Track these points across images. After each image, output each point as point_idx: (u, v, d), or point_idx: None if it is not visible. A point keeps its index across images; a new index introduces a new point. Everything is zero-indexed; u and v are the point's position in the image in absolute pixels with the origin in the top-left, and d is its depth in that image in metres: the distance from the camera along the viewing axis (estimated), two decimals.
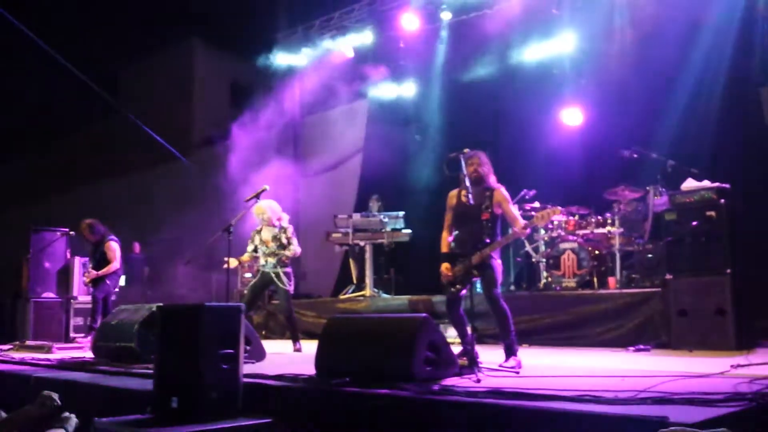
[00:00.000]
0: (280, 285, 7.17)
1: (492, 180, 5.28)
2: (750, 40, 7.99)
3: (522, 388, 3.36)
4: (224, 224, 6.60)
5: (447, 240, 5.31)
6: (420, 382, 3.81)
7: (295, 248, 7.29)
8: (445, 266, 5.15)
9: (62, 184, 13.15)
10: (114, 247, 8.40)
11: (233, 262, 6.95)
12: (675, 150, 7.77)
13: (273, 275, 7.19)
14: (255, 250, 7.37)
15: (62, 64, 11.45)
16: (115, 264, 8.34)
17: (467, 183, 5.02)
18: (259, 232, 7.37)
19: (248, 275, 10.93)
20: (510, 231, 5.18)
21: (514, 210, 5.22)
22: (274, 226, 7.31)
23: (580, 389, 3.23)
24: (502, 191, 5.19)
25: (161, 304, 4.43)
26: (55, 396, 3.23)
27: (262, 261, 7.30)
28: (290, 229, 7.35)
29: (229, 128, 14.48)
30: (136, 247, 11.78)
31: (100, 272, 8.32)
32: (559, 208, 5.04)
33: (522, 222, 5.05)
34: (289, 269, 7.31)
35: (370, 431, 3.51)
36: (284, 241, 7.26)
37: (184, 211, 10.99)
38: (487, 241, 4.99)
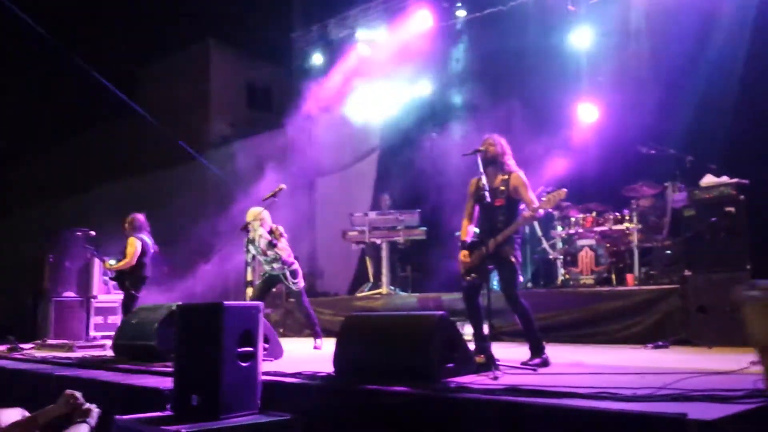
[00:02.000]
0: (290, 285, 7.21)
1: (510, 164, 5.17)
2: (766, 33, 7.89)
3: (539, 386, 3.36)
4: (241, 223, 6.65)
5: (467, 228, 5.27)
6: (437, 379, 3.82)
7: (285, 246, 7.23)
8: (463, 253, 5.10)
9: (81, 184, 13.30)
10: (133, 243, 7.98)
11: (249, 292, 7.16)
12: (693, 145, 7.71)
13: (282, 277, 7.23)
14: (252, 259, 7.43)
15: (81, 65, 11.57)
16: (129, 261, 7.93)
17: (481, 167, 4.99)
18: (251, 242, 7.30)
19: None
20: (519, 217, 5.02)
21: (532, 195, 5.03)
22: (265, 232, 7.23)
23: (598, 386, 3.22)
24: (519, 175, 5.07)
25: (180, 302, 4.48)
26: (79, 394, 3.27)
27: (267, 268, 7.32)
28: (280, 229, 7.24)
29: (245, 128, 14.58)
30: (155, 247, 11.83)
31: (113, 266, 8.12)
32: (565, 189, 4.88)
33: (535, 204, 4.93)
34: (295, 266, 7.29)
35: (388, 429, 3.52)
36: (276, 244, 7.18)
37: (201, 210, 11.07)
38: (500, 227, 4.93)
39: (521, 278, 5.07)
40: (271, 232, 7.08)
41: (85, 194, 12.71)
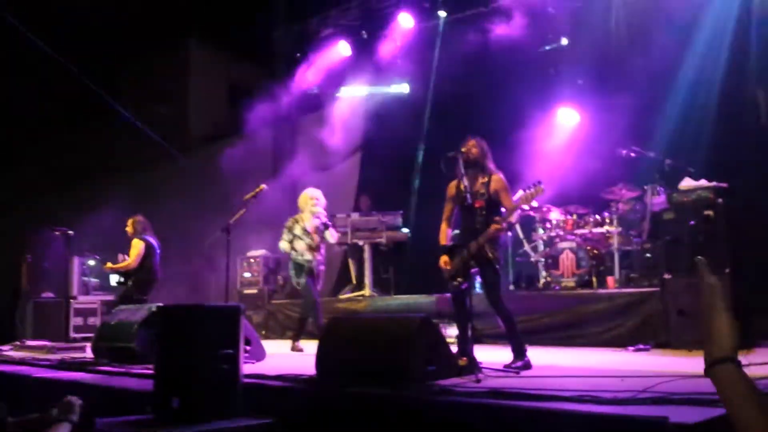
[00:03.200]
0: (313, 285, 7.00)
1: (491, 166, 5.18)
2: (746, 40, 8.00)
3: (522, 389, 3.38)
4: (222, 224, 6.60)
5: (446, 232, 5.28)
6: (420, 382, 3.83)
7: (334, 234, 7.14)
8: (443, 259, 5.09)
9: (61, 184, 13.14)
10: (136, 245, 8.04)
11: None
12: (672, 149, 7.79)
13: (316, 272, 7.00)
14: (292, 242, 7.01)
15: (61, 63, 11.43)
16: (131, 263, 7.98)
17: (462, 168, 5.01)
18: (297, 221, 7.03)
19: (247, 275, 10.94)
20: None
21: (510, 200, 4.99)
22: (319, 219, 6.97)
23: (580, 389, 3.24)
24: (500, 177, 5.09)
25: (161, 304, 4.44)
26: (77, 405, 3.15)
27: (308, 256, 6.97)
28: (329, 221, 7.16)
29: (226, 127, 14.48)
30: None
31: (113, 267, 8.16)
32: (542, 186, 4.87)
33: (513, 214, 4.94)
34: (323, 266, 7.15)
35: None
36: (329, 225, 7.00)
37: (183, 211, 10.98)
38: (479, 229, 4.91)
39: (503, 280, 5.07)
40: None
41: (63, 194, 12.56)
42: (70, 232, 8.52)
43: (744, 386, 1.28)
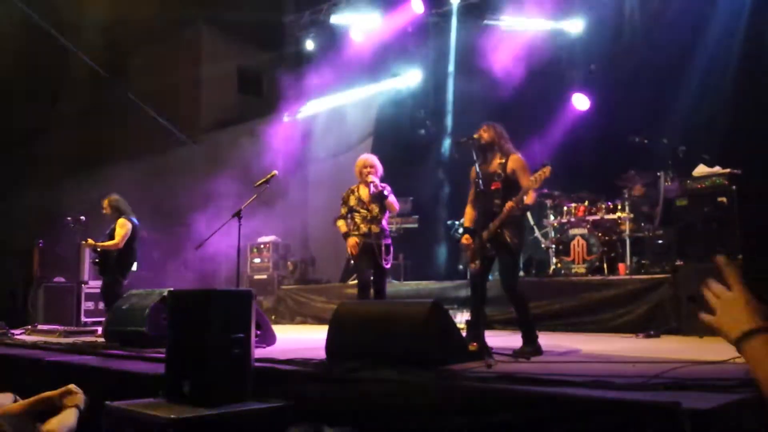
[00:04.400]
0: (381, 262, 6.01)
1: (508, 146, 5.11)
2: (762, 24, 7.90)
3: (533, 374, 3.36)
4: (234, 209, 6.61)
5: (470, 214, 5.24)
6: (430, 367, 3.82)
7: (394, 201, 6.21)
8: (465, 237, 5.08)
9: (74, 170, 13.20)
10: (124, 225, 7.68)
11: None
12: (686, 135, 7.72)
13: (375, 248, 6.02)
14: (349, 214, 6.27)
15: (71, 48, 11.45)
16: (118, 243, 7.60)
17: (474, 154, 4.97)
18: (354, 191, 6.34)
19: (257, 260, 10.98)
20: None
21: (528, 180, 4.83)
22: (376, 187, 6.16)
23: (592, 375, 3.22)
24: (518, 157, 5.01)
25: (172, 288, 4.45)
26: (82, 399, 3.17)
27: (363, 228, 6.10)
28: (387, 188, 6.25)
29: (237, 113, 14.48)
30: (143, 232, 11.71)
31: (99, 245, 7.67)
32: (549, 167, 4.80)
33: (530, 194, 4.81)
34: (389, 240, 6.23)
35: (380, 416, 3.52)
36: (387, 195, 6.14)
37: (194, 196, 11.01)
38: (496, 212, 4.88)
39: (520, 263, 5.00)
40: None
41: (75, 180, 12.61)
42: (82, 217, 8.50)
43: None
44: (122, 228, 7.68)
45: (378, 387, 3.59)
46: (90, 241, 7.75)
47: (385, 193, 6.16)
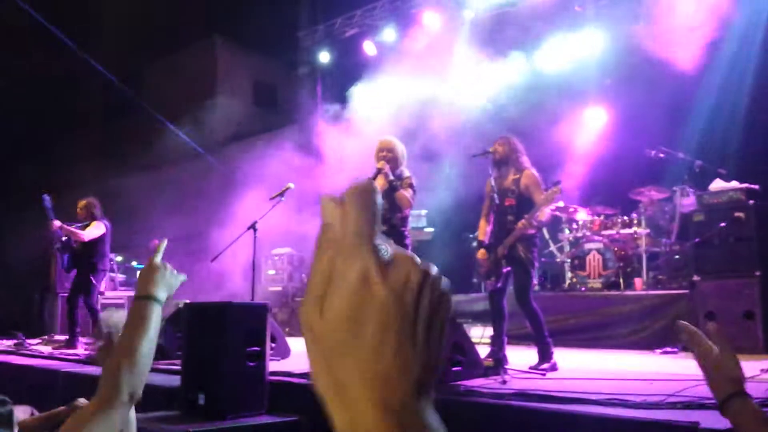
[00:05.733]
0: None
1: (522, 161, 5.09)
2: None
3: (548, 391, 3.34)
4: (249, 222, 6.64)
5: (484, 228, 5.23)
6: (445, 383, 3.81)
7: (410, 197, 5.14)
8: (480, 252, 5.06)
9: (88, 180, 13.34)
10: (98, 226, 7.75)
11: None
12: (703, 150, 7.68)
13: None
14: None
15: (87, 61, 11.59)
16: (86, 234, 7.62)
17: (490, 168, 4.97)
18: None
19: (272, 272, 11.01)
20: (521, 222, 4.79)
21: (540, 197, 4.83)
22: (386, 176, 5.05)
23: (608, 392, 3.20)
24: (531, 173, 5.01)
25: (188, 301, 4.48)
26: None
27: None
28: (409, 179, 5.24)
29: (252, 126, 14.58)
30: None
31: (66, 227, 7.63)
32: (560, 186, 4.72)
33: (543, 211, 4.80)
34: (409, 239, 5.45)
35: None
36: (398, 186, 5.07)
37: (210, 208, 11.07)
38: (509, 228, 4.88)
39: (535, 280, 4.99)
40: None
41: (90, 190, 12.76)
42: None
43: (757, 416, 1.39)
44: (96, 229, 7.79)
45: None
46: (59, 223, 7.72)
47: (396, 183, 5.04)
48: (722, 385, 1.44)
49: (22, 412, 3.38)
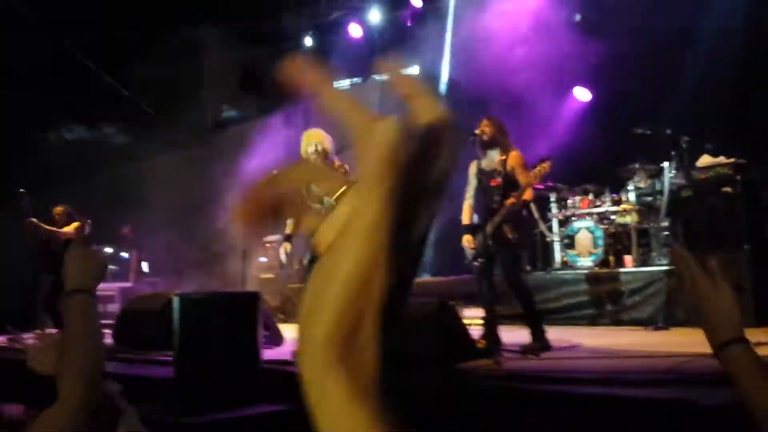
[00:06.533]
0: None
1: (507, 143, 5.12)
2: (765, 7, 7.84)
3: (543, 371, 3.36)
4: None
5: (468, 211, 5.23)
6: (438, 366, 3.82)
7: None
8: (466, 238, 5.07)
9: (76, 174, 13.20)
10: (78, 226, 7.83)
11: None
12: (689, 125, 7.67)
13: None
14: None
15: (70, 50, 11.43)
16: (64, 233, 7.64)
17: (478, 149, 4.97)
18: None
19: (264, 260, 10.97)
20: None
21: (526, 177, 4.90)
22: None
23: (603, 371, 3.22)
24: (517, 154, 5.03)
25: (178, 292, 4.45)
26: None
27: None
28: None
29: (240, 112, 14.47)
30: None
31: (46, 227, 7.63)
32: (549, 162, 4.84)
33: (528, 190, 4.87)
34: None
35: None
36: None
37: (198, 197, 11.00)
38: (496, 208, 4.90)
39: (524, 260, 5.03)
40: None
41: (78, 183, 12.63)
42: (88, 220, 8.48)
43: (758, 365, 1.24)
44: (77, 230, 7.76)
45: (385, 387, 3.58)
46: (35, 220, 7.64)
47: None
48: (720, 328, 1.29)
49: (15, 411, 3.36)
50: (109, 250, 10.39)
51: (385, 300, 0.44)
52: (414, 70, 11.60)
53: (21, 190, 7.62)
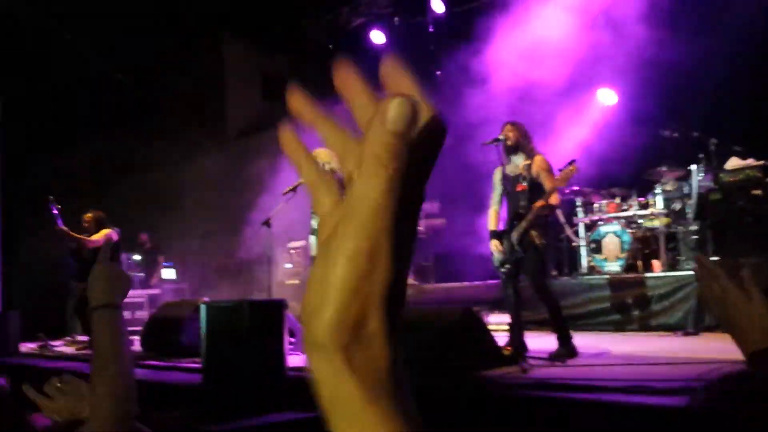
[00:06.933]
0: None
1: (532, 147, 5.09)
2: None
3: (570, 378, 3.33)
4: (261, 218, 6.65)
5: (494, 217, 5.21)
6: (463, 373, 3.80)
7: None
8: (494, 243, 5.05)
9: (106, 180, 13.39)
10: (107, 233, 7.66)
11: None
12: (718, 128, 7.57)
13: None
14: None
15: (93, 57, 11.61)
16: (93, 241, 7.55)
17: (503, 155, 4.96)
18: None
19: (289, 266, 11.03)
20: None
21: (551, 181, 4.87)
22: None
23: (630, 378, 3.18)
24: (542, 158, 5.00)
25: (207, 299, 4.50)
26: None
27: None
28: None
29: (261, 120, 14.57)
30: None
31: (75, 234, 7.59)
32: (576, 164, 4.81)
33: (555, 195, 4.84)
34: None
35: None
36: None
37: (220, 205, 11.10)
38: (522, 213, 4.87)
39: (548, 263, 5.00)
40: None
41: (109, 190, 12.82)
42: (117, 228, 8.56)
43: None
44: (106, 238, 7.56)
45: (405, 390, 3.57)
46: (66, 228, 7.60)
47: None
48: (754, 337, 1.27)
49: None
50: (137, 257, 10.52)
51: (390, 290, 0.44)
52: (410, 69, 11.59)
53: (50, 197, 7.71)
